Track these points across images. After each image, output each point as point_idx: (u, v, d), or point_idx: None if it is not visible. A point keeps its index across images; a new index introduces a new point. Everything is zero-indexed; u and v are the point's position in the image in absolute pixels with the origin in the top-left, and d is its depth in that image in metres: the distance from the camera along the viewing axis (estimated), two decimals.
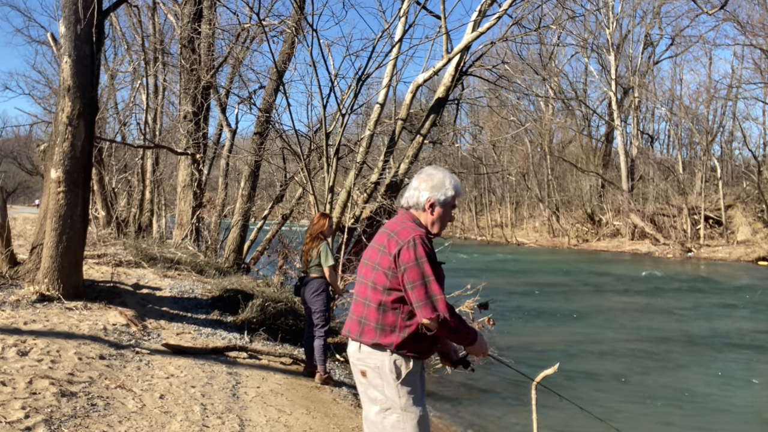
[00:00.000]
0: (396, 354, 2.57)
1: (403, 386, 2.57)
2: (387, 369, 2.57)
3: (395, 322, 2.56)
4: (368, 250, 2.72)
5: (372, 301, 2.61)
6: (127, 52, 18.29)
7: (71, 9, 6.66)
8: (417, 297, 2.50)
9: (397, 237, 2.56)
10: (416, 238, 2.53)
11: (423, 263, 2.50)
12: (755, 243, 30.40)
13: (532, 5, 10.32)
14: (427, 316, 2.48)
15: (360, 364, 2.66)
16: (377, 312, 2.59)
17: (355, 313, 2.70)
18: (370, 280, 2.63)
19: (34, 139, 38.50)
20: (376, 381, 2.61)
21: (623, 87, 40.29)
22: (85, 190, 6.98)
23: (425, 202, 2.66)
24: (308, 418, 4.73)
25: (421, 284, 2.49)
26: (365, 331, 2.62)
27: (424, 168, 2.78)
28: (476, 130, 43.33)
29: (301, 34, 10.38)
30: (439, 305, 2.49)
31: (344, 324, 2.78)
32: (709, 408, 6.92)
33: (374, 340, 2.58)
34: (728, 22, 32.91)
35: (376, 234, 2.77)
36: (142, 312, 7.02)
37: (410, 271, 2.50)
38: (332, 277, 5.98)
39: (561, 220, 40.79)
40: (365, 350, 2.62)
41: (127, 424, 3.80)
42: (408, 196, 2.72)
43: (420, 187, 2.68)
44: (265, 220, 14.59)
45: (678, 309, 13.96)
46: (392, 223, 2.68)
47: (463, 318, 2.62)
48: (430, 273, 2.50)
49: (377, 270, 2.60)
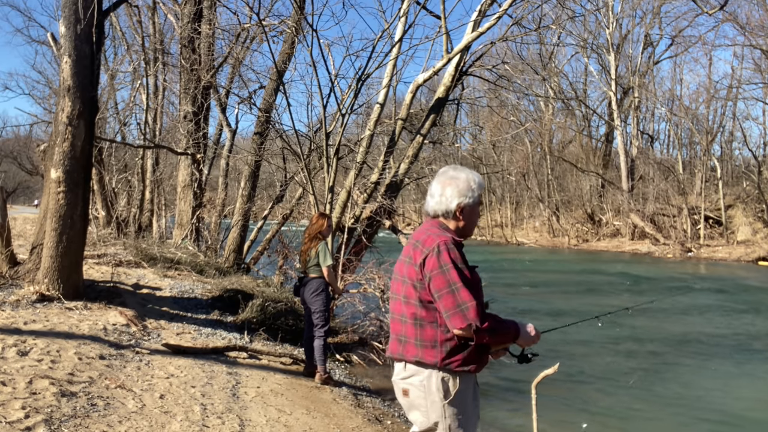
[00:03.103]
0: (443, 371, 2.38)
1: (451, 406, 2.38)
2: (434, 387, 2.39)
3: (435, 337, 2.39)
4: (397, 264, 2.59)
5: (407, 317, 2.45)
6: (127, 52, 18.29)
7: (71, 9, 6.66)
8: (445, 306, 2.34)
9: (422, 246, 2.42)
10: (441, 245, 2.37)
11: (448, 270, 2.34)
12: (755, 243, 30.39)
13: (532, 5, 10.34)
14: (458, 326, 2.32)
15: (403, 382, 2.48)
16: (414, 327, 2.43)
17: (394, 331, 2.54)
18: (402, 294, 2.49)
19: (34, 139, 38.46)
20: (420, 401, 2.43)
21: (623, 87, 40.27)
22: (85, 190, 6.98)
23: (456, 208, 2.51)
24: (308, 418, 4.73)
25: (449, 292, 2.33)
26: (407, 349, 2.45)
27: (443, 170, 2.60)
28: (476, 130, 43.37)
29: (301, 34, 10.38)
30: (470, 313, 2.31)
31: (387, 346, 2.63)
32: (709, 408, 6.91)
33: (417, 357, 2.41)
34: (728, 23, 32.90)
35: (405, 246, 2.62)
36: (142, 312, 7.02)
37: (435, 279, 2.35)
38: (331, 277, 5.98)
39: (561, 220, 40.78)
40: (410, 368, 2.45)
41: (127, 424, 3.80)
42: (435, 205, 2.54)
43: (447, 193, 2.51)
44: (265, 220, 14.59)
45: (678, 309, 13.95)
46: (418, 233, 2.53)
47: (497, 316, 2.44)
48: (457, 279, 2.33)
49: (406, 283, 2.46)
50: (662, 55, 51.24)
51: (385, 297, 8.53)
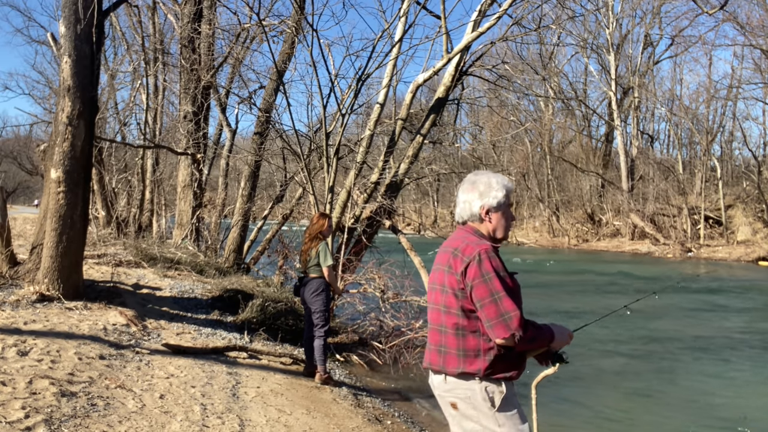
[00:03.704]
0: (486, 380, 2.36)
1: (501, 413, 2.36)
2: (479, 398, 2.36)
3: (477, 346, 2.36)
4: (433, 274, 2.54)
5: (448, 327, 2.41)
6: (127, 52, 18.31)
7: (71, 9, 6.66)
8: (488, 316, 2.31)
9: (462, 254, 2.38)
10: (481, 253, 2.34)
11: (491, 279, 2.31)
12: (755, 243, 30.41)
13: (532, 5, 10.34)
14: (501, 336, 2.30)
15: (449, 396, 2.44)
16: (456, 337, 2.39)
17: (433, 342, 2.48)
18: (442, 304, 2.44)
19: (34, 139, 38.52)
20: (470, 412, 2.39)
21: (623, 87, 40.28)
22: (85, 190, 6.98)
23: (480, 211, 2.50)
24: (308, 418, 4.73)
25: (491, 302, 2.30)
26: (448, 361, 2.41)
27: (467, 177, 2.61)
28: (476, 130, 43.38)
29: (301, 34, 10.39)
30: (513, 323, 2.28)
31: (424, 357, 2.56)
32: (709, 408, 6.92)
33: (459, 369, 2.37)
34: (728, 23, 32.90)
35: (437, 255, 2.58)
36: (142, 312, 7.02)
37: (477, 288, 2.32)
38: (331, 277, 5.98)
39: (561, 220, 40.79)
40: (452, 381, 2.41)
41: (127, 424, 3.80)
42: (460, 211, 2.55)
43: (468, 198, 2.52)
44: (265, 220, 14.59)
45: (678, 309, 13.95)
46: (454, 241, 2.49)
47: (535, 323, 2.42)
48: (499, 288, 2.31)
49: (446, 292, 2.42)
50: (662, 55, 51.40)
51: (385, 297, 8.53)
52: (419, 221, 44.35)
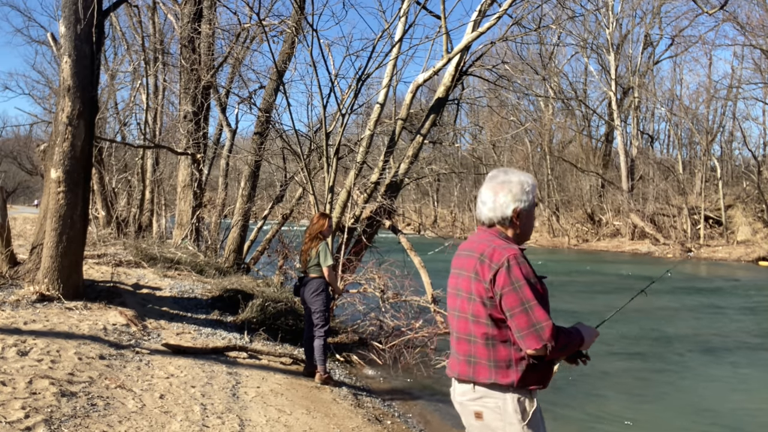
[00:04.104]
0: (518, 392, 2.28)
1: (529, 428, 2.28)
2: (510, 410, 2.27)
3: (509, 356, 2.26)
4: (455, 279, 2.42)
5: (477, 336, 2.30)
6: (127, 52, 18.31)
7: (71, 9, 6.66)
8: (518, 326, 2.20)
9: (489, 260, 2.25)
10: (510, 259, 2.22)
11: (521, 287, 2.20)
12: (755, 243, 30.41)
13: (532, 5, 10.34)
14: (532, 347, 2.20)
15: (474, 404, 2.34)
16: (486, 348, 2.29)
17: (460, 352, 2.37)
18: (469, 313, 2.32)
19: (34, 139, 38.54)
20: (496, 423, 2.30)
21: (623, 87, 40.29)
22: (85, 190, 6.98)
23: (512, 214, 2.36)
24: (308, 418, 4.73)
25: (522, 311, 2.19)
26: (478, 371, 2.30)
27: (492, 174, 2.43)
28: (476, 130, 43.40)
29: (301, 34, 10.39)
30: (545, 333, 2.18)
31: (449, 366, 2.45)
32: (709, 409, 6.91)
33: (491, 380, 2.27)
34: (728, 23, 32.91)
35: (456, 258, 2.46)
36: (142, 312, 7.02)
37: (507, 296, 2.20)
38: (331, 277, 5.98)
39: (561, 220, 40.79)
40: (481, 390, 2.31)
41: (127, 424, 3.80)
42: (489, 212, 2.39)
43: (500, 199, 2.36)
44: (265, 220, 14.59)
45: (678, 309, 13.96)
46: (478, 244, 2.35)
47: (564, 328, 2.32)
48: (530, 297, 2.20)
49: (473, 300, 2.30)
50: (662, 55, 51.44)
51: (385, 297, 8.53)
52: (419, 221, 44.37)
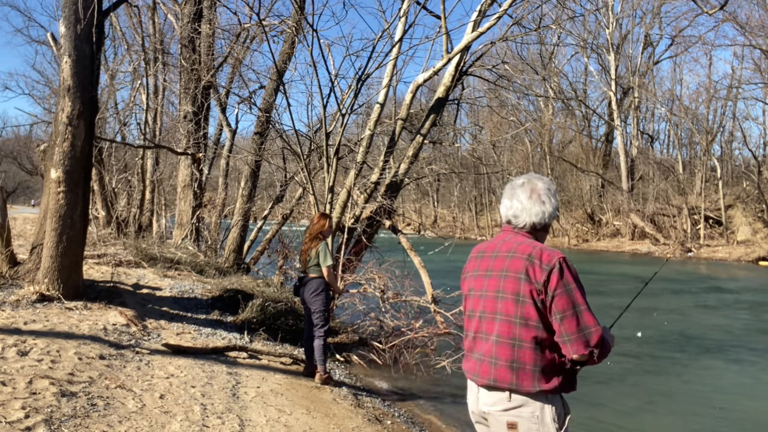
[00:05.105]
0: (556, 400, 2.25)
1: None
2: (549, 418, 2.22)
3: (553, 361, 2.23)
4: (494, 281, 2.34)
5: (524, 341, 2.23)
6: (127, 52, 18.31)
7: (71, 9, 6.66)
8: (567, 329, 2.17)
9: (540, 261, 2.22)
10: (562, 262, 2.21)
11: (573, 290, 2.18)
12: (755, 243, 30.41)
13: (532, 5, 10.34)
14: (579, 353, 2.16)
15: (508, 415, 2.25)
16: (534, 353, 2.22)
17: (501, 357, 2.26)
18: (517, 315, 2.25)
19: (34, 139, 38.55)
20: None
21: (623, 87, 40.29)
22: (85, 190, 6.98)
23: (551, 222, 2.41)
24: (308, 418, 4.73)
25: (572, 315, 2.16)
26: (522, 377, 2.22)
27: (530, 179, 2.42)
28: (476, 130, 43.33)
29: (301, 34, 10.39)
30: (593, 339, 2.16)
31: (478, 372, 2.35)
32: (709, 408, 6.92)
33: (538, 387, 2.21)
34: (728, 23, 32.91)
35: (481, 260, 2.45)
36: (142, 312, 7.02)
37: (559, 299, 2.17)
38: (331, 277, 5.98)
39: (561, 220, 40.78)
40: (519, 398, 2.23)
41: (127, 424, 3.80)
42: (534, 218, 2.37)
43: (547, 208, 2.37)
44: (265, 220, 14.60)
45: (678, 309, 13.96)
46: (517, 245, 2.32)
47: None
48: (581, 301, 2.18)
49: (523, 302, 2.23)
50: (662, 55, 51.44)
51: (385, 297, 8.52)
52: (419, 221, 44.38)
